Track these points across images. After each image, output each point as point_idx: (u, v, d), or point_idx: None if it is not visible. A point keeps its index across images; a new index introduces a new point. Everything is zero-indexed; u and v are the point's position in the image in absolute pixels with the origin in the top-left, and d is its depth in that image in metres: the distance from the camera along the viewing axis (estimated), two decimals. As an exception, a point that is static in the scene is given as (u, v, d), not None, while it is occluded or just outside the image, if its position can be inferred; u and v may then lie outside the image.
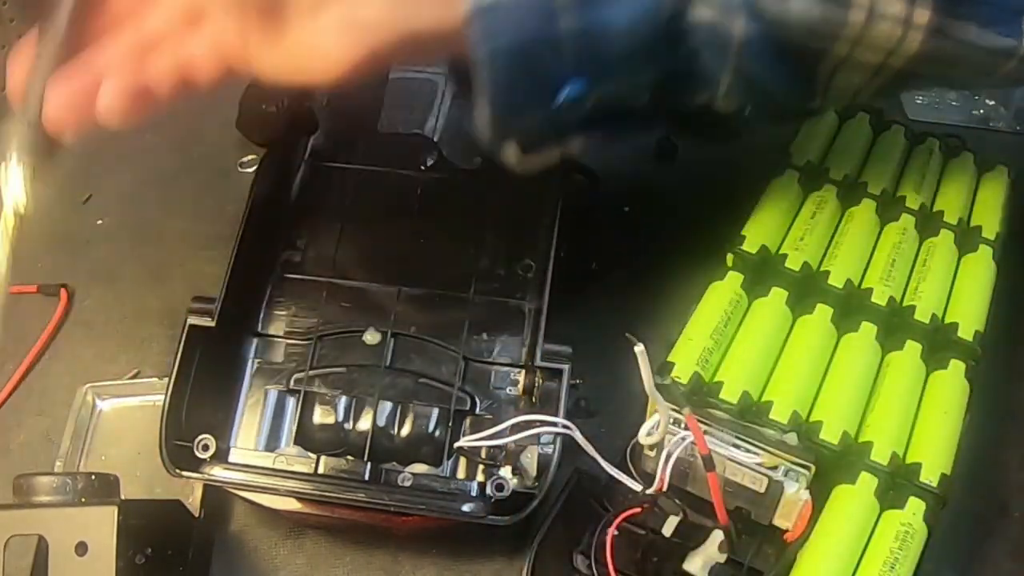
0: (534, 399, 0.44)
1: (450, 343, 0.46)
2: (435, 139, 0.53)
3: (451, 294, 0.47)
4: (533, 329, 0.46)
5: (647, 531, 0.42)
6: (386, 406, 0.45)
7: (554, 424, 0.41)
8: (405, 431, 0.45)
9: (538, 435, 0.42)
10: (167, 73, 0.34)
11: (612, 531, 0.41)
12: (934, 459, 0.43)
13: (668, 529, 0.42)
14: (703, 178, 0.65)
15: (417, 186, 0.51)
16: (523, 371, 0.45)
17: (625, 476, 0.42)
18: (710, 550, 0.41)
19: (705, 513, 0.41)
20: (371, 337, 0.46)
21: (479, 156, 0.52)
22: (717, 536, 0.41)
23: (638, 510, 0.41)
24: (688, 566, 0.41)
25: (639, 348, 0.35)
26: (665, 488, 0.41)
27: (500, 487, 0.42)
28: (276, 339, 0.47)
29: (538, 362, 0.44)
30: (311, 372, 0.45)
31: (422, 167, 0.52)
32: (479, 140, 0.35)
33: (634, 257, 0.59)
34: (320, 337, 0.46)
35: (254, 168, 0.65)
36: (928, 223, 0.56)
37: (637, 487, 0.41)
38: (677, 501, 0.42)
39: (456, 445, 0.44)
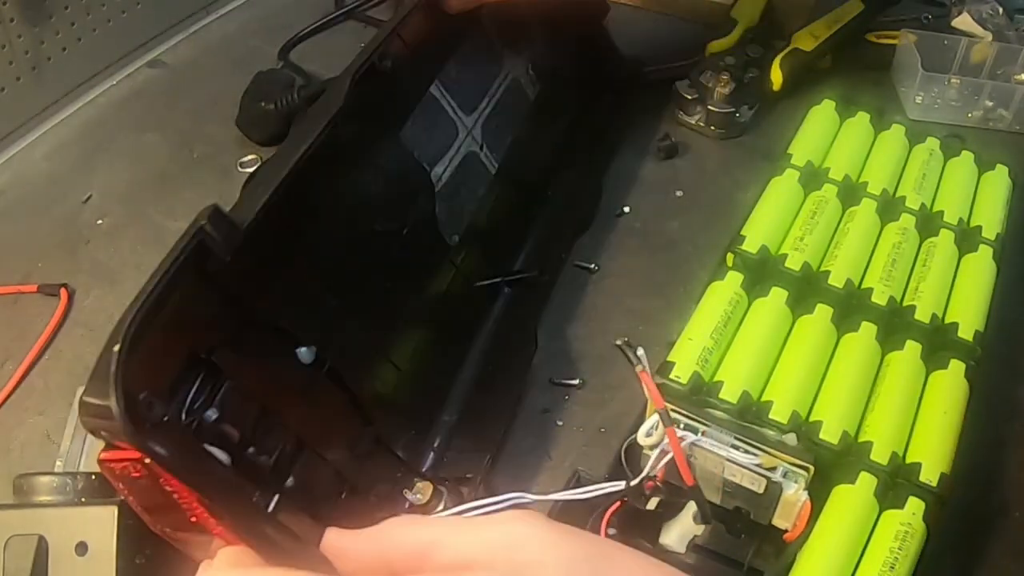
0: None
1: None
2: (436, 188, 0.49)
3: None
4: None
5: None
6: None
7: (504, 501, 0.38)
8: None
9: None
10: None
11: (604, 528, 0.41)
12: (934, 459, 0.43)
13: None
14: (703, 178, 0.65)
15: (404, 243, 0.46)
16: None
17: (607, 484, 0.41)
18: (684, 521, 0.40)
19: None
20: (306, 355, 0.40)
21: (458, 235, 0.50)
22: (691, 507, 0.40)
23: (619, 504, 0.41)
24: (664, 539, 0.41)
25: (639, 351, 0.35)
26: (656, 484, 0.40)
27: None
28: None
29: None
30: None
31: (414, 207, 0.48)
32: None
33: (634, 257, 0.59)
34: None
35: (254, 168, 0.65)
36: (928, 223, 0.56)
37: (620, 485, 0.40)
38: (661, 487, 0.42)
39: None
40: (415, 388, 0.45)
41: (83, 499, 0.38)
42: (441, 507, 0.39)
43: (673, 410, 0.40)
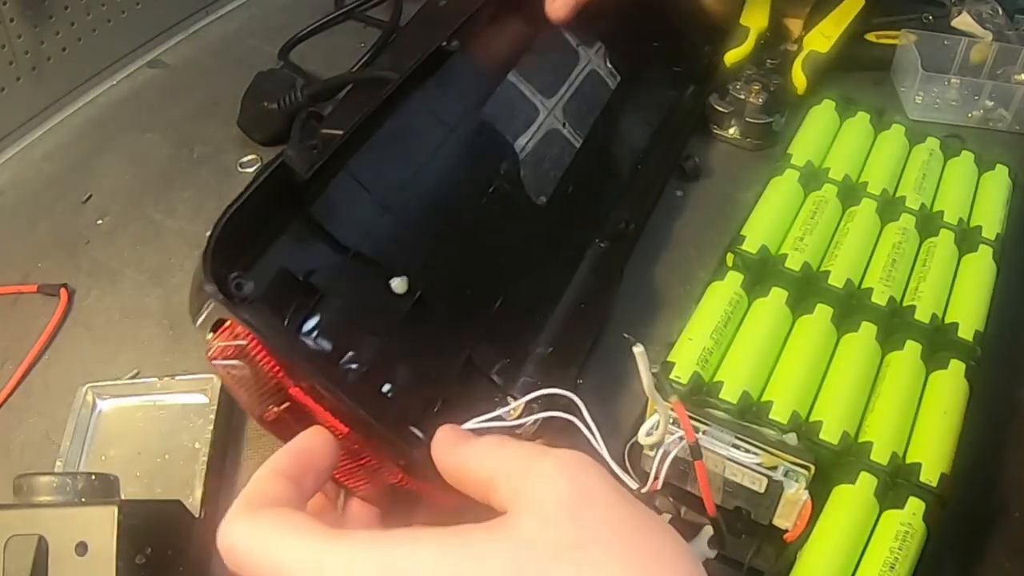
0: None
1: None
2: (521, 156, 0.52)
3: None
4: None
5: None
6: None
7: (561, 396, 0.40)
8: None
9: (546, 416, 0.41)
10: None
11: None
12: (934, 459, 0.43)
13: None
14: (703, 178, 0.65)
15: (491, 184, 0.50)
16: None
17: (621, 472, 0.41)
18: (700, 545, 0.41)
19: (703, 513, 0.41)
20: (399, 285, 0.44)
21: (546, 196, 0.53)
22: (707, 531, 0.41)
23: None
24: None
25: (638, 349, 0.34)
26: (660, 487, 0.40)
27: None
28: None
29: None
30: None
31: (499, 171, 0.51)
32: None
33: (634, 257, 0.59)
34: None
35: (255, 168, 0.65)
36: (928, 223, 0.56)
37: (632, 485, 0.41)
38: (671, 499, 0.42)
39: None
40: (510, 323, 0.48)
41: (83, 499, 0.38)
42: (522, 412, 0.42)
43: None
